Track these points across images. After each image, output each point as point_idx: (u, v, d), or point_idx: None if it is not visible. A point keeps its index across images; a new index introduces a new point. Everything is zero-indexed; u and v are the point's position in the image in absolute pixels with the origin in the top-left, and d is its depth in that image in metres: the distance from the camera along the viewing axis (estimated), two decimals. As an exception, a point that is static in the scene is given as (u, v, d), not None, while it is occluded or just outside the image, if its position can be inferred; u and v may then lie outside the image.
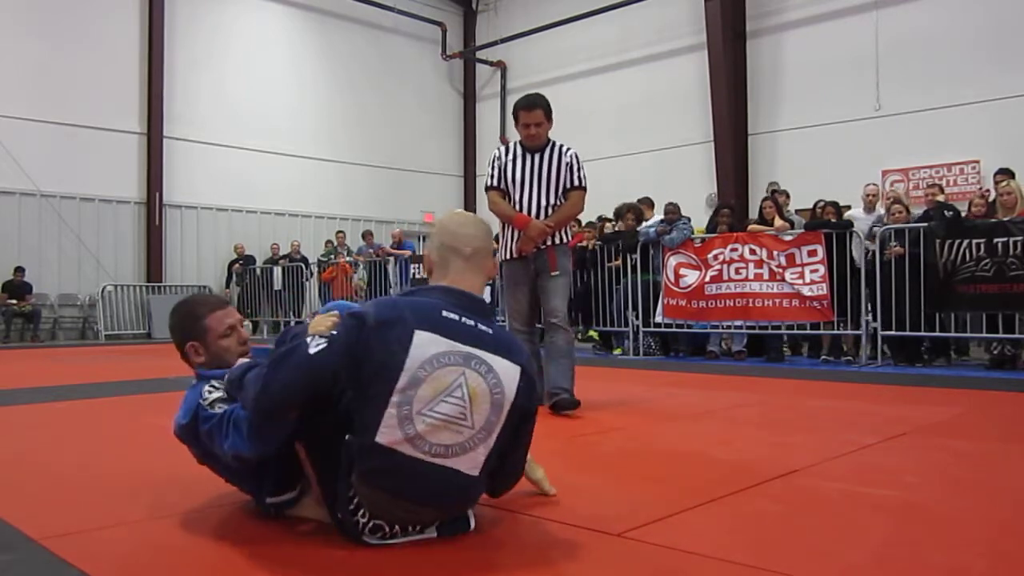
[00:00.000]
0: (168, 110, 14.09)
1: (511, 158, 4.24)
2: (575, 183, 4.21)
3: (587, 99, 15.00)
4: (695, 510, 2.19)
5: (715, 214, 8.75)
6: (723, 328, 8.02)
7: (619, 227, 8.99)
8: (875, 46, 11.82)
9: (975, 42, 10.98)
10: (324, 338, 1.81)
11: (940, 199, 7.79)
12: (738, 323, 7.80)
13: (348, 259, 12.86)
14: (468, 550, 1.86)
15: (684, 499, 2.28)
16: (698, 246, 8.01)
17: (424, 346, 1.82)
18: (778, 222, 7.68)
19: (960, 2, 11.21)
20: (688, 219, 8.49)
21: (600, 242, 8.91)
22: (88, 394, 5.33)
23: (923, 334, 6.84)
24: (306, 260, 13.58)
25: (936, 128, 11.21)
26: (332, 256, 13.26)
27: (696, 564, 1.76)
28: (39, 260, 12.88)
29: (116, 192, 13.72)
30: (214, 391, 2.04)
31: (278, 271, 13.55)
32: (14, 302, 12.31)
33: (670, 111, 14.18)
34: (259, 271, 13.97)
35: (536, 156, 4.20)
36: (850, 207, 8.68)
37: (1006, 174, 7.69)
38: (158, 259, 14.14)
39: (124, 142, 13.77)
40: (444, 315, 1.88)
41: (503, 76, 17.41)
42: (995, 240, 6.33)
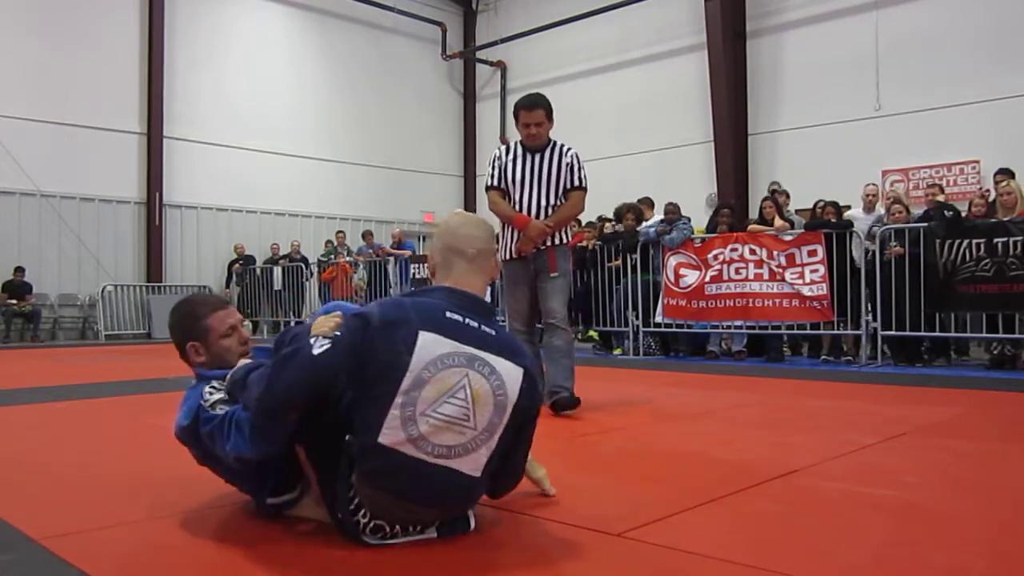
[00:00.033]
0: (168, 110, 14.09)
1: (511, 158, 4.23)
2: (575, 183, 4.20)
3: (587, 99, 14.99)
4: (695, 510, 2.19)
5: (715, 214, 8.75)
6: (723, 328, 8.02)
7: (619, 227, 9.00)
8: (875, 46, 11.82)
9: (975, 42, 10.98)
10: (328, 339, 1.81)
11: (940, 199, 7.79)
12: (738, 323, 7.80)
13: (348, 259, 12.85)
14: (468, 550, 1.86)
15: (684, 499, 2.28)
16: (698, 246, 8.01)
17: (428, 347, 1.82)
18: (778, 222, 7.68)
19: (960, 2, 11.21)
20: (688, 219, 8.49)
21: (600, 242, 8.92)
22: (88, 394, 5.33)
23: (923, 334, 6.84)
24: (306, 260, 13.57)
25: (936, 128, 11.21)
26: (332, 256, 13.25)
27: (696, 564, 1.76)
28: (39, 260, 12.88)
29: (116, 192, 13.72)
30: (215, 392, 2.04)
31: (278, 271, 13.54)
32: (14, 302, 12.31)
33: (670, 111, 14.17)
34: (259, 271, 13.97)
35: (536, 156, 4.19)
36: (850, 207, 8.67)
37: (1006, 174, 7.69)
38: (158, 259, 14.14)
39: (124, 142, 13.77)
40: (448, 316, 1.89)
41: (503, 76, 17.41)
42: (995, 240, 6.33)
